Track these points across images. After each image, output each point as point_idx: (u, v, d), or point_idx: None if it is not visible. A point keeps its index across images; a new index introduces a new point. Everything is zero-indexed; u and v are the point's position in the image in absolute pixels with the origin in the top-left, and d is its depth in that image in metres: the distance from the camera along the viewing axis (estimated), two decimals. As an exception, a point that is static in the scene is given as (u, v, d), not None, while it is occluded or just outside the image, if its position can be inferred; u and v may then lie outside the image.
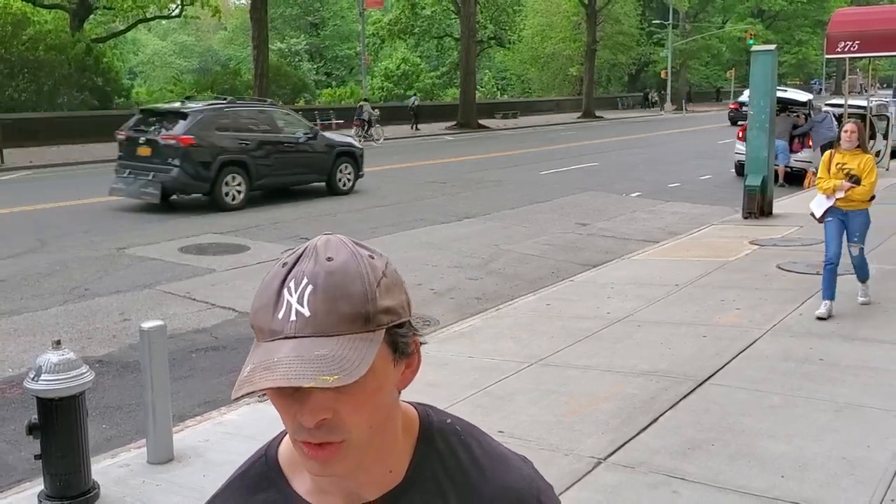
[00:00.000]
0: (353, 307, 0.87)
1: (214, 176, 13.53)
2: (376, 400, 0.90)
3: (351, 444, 0.89)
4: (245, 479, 1.04)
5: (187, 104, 15.15)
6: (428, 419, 1.02)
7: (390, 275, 0.92)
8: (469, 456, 1.01)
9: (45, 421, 3.67)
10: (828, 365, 5.61)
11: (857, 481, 3.92)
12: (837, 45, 13.59)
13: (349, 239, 0.94)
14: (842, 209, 6.80)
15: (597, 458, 4.27)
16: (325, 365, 0.83)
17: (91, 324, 7.28)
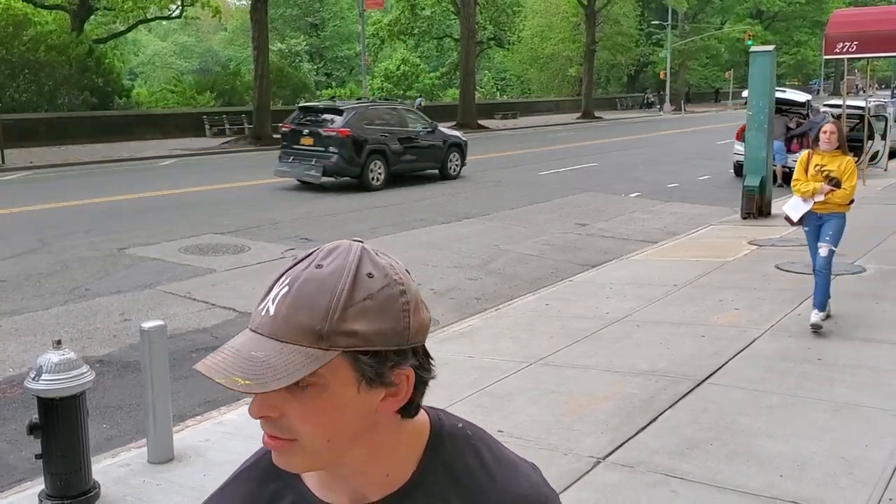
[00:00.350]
0: (311, 320, 0.85)
1: (363, 162, 16.38)
2: (330, 416, 0.89)
3: (302, 446, 0.90)
4: (254, 469, 1.04)
5: (341, 103, 18.29)
6: (439, 423, 1.02)
7: (380, 299, 0.88)
8: (478, 461, 1.00)
9: (45, 420, 3.67)
10: (826, 365, 5.61)
11: (856, 480, 3.92)
12: (836, 46, 13.61)
13: (364, 250, 0.91)
14: (818, 213, 6.50)
15: (596, 458, 4.27)
16: (248, 367, 0.84)
17: (91, 324, 7.28)
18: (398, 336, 0.89)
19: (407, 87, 51.60)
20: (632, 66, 64.22)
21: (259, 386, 0.83)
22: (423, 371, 0.93)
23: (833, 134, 6.48)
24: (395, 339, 0.89)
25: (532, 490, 1.01)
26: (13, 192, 16.31)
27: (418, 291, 0.93)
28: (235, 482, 1.05)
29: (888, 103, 21.32)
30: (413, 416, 0.96)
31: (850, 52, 13.60)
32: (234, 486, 1.05)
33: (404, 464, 0.98)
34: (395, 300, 0.89)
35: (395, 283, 0.90)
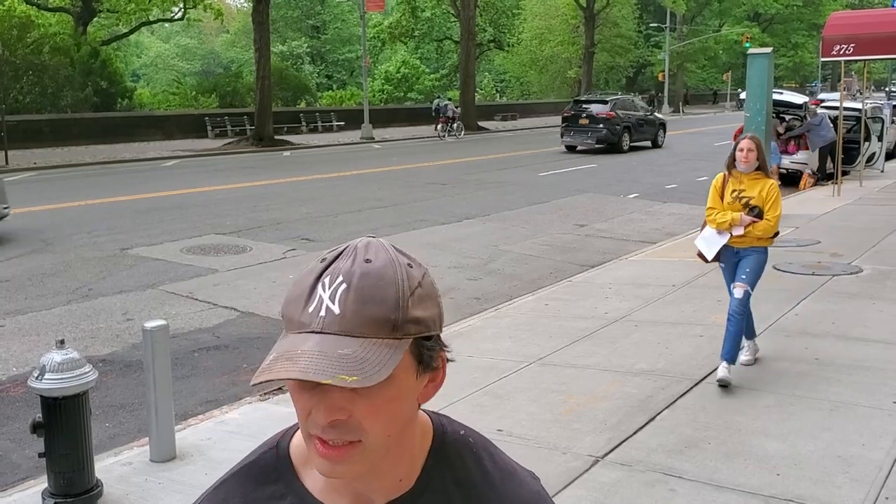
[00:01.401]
0: (383, 312, 0.86)
1: (619, 135, 25.75)
2: (394, 408, 0.89)
3: (365, 447, 0.88)
4: (253, 469, 1.01)
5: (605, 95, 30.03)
6: (442, 429, 1.01)
7: (426, 286, 0.91)
8: (479, 469, 1.00)
9: (48, 419, 3.67)
10: (822, 364, 5.61)
11: (852, 479, 3.92)
12: (833, 48, 13.61)
13: (390, 244, 0.93)
14: (735, 248, 5.48)
15: (594, 457, 4.27)
16: (346, 364, 0.83)
17: (94, 323, 7.28)
18: (441, 320, 0.94)
19: (407, 88, 51.60)
20: (630, 69, 64.20)
21: (366, 380, 0.83)
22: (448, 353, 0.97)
23: (751, 152, 5.40)
24: (440, 322, 0.93)
25: (531, 499, 1.01)
26: (17, 192, 16.28)
27: None
28: (231, 481, 1.02)
29: (885, 105, 21.31)
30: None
31: (846, 54, 13.60)
32: (228, 486, 1.01)
33: (414, 468, 0.97)
34: (433, 287, 0.93)
35: (427, 272, 0.93)
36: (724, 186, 5.59)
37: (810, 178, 16.59)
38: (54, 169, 20.87)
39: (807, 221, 11.89)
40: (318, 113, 37.03)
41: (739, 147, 5.48)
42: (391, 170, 20.25)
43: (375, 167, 20.81)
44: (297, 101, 42.40)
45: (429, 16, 48.91)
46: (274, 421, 4.83)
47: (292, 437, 1.02)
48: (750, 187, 5.44)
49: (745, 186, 5.46)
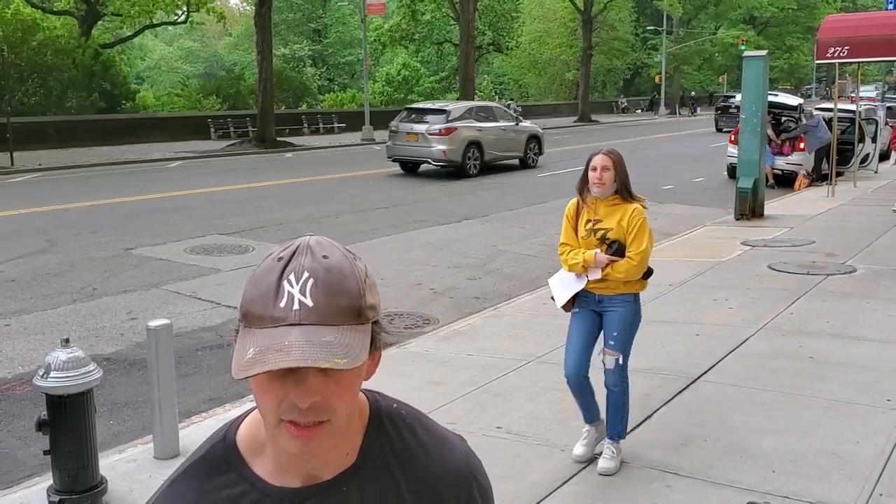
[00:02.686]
0: (350, 301, 0.94)
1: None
2: (355, 387, 0.98)
3: (333, 425, 0.95)
4: (203, 462, 1.04)
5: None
6: (377, 404, 1.08)
7: (370, 276, 1.01)
8: (414, 438, 1.08)
9: (54, 417, 3.67)
10: (817, 363, 5.61)
11: (847, 476, 3.92)
12: (827, 51, 13.61)
13: (333, 241, 1.02)
14: (596, 294, 4.14)
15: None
16: (334, 350, 0.90)
17: (99, 322, 7.28)
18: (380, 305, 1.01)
19: (407, 90, 51.57)
20: (628, 71, 64.21)
21: (353, 361, 0.91)
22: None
23: (607, 171, 4.06)
24: (380, 307, 1.01)
25: (462, 462, 1.09)
26: (22, 193, 16.31)
27: None
28: (183, 477, 1.04)
29: (878, 106, 21.32)
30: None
31: (841, 56, 13.60)
32: (181, 482, 1.04)
33: (355, 441, 1.04)
34: (372, 276, 1.02)
35: (365, 264, 1.02)
36: (578, 215, 4.28)
37: (805, 179, 16.60)
38: (59, 170, 20.85)
39: (802, 222, 11.89)
40: (319, 115, 37.00)
41: (592, 165, 4.12)
42: (391, 171, 20.25)
43: (376, 168, 20.80)
44: (298, 104, 42.38)
45: (429, 19, 48.92)
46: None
47: (237, 428, 1.06)
48: (607, 216, 4.14)
49: (601, 215, 4.16)
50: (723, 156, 19.30)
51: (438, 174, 19.14)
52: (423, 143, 18.61)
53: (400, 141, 19.21)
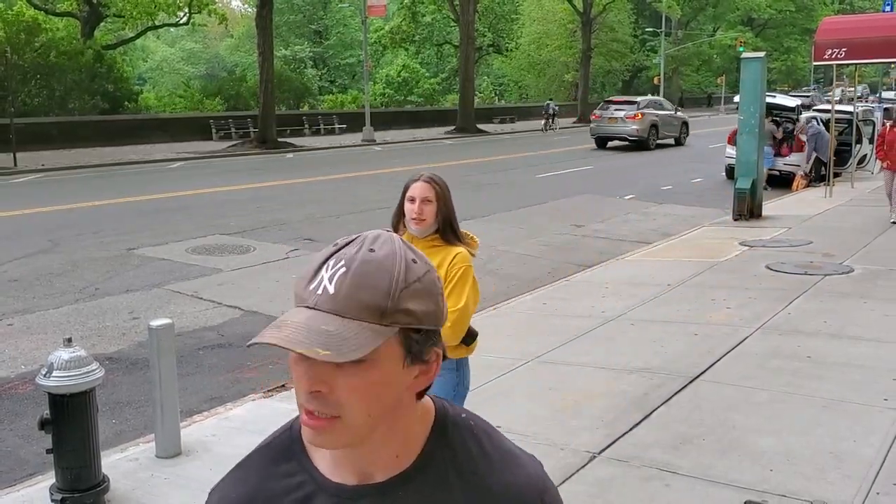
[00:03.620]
0: (374, 298, 0.89)
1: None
2: (376, 391, 0.92)
3: (344, 423, 0.92)
4: (269, 450, 1.06)
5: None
6: (444, 411, 1.04)
7: (426, 282, 0.94)
8: (479, 450, 1.02)
9: (56, 416, 3.67)
10: (815, 362, 5.61)
11: (844, 475, 3.92)
12: (825, 52, 13.62)
13: (401, 239, 0.97)
14: None
15: (591, 453, 4.27)
16: (323, 339, 0.87)
17: (101, 322, 7.28)
18: (437, 317, 0.95)
19: (408, 92, 51.59)
20: (626, 72, 64.21)
21: (338, 356, 0.86)
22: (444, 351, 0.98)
23: (427, 204, 3.16)
24: (435, 319, 0.95)
25: (529, 481, 1.02)
26: (25, 194, 16.32)
27: None
28: (251, 460, 1.06)
29: (875, 108, 21.32)
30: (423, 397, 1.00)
31: (838, 58, 13.61)
32: (248, 464, 1.06)
33: (412, 446, 1.00)
34: (435, 284, 0.96)
35: (432, 268, 0.97)
36: None
37: (802, 180, 16.60)
38: (62, 170, 20.86)
39: (799, 222, 11.89)
40: (320, 116, 37.01)
41: (409, 195, 3.19)
42: (392, 171, 20.25)
43: (376, 169, 20.81)
44: (299, 105, 42.40)
45: (429, 21, 48.93)
46: (277, 417, 4.81)
47: None
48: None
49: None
50: (721, 156, 19.30)
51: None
52: (621, 124, 26.73)
53: (603, 123, 27.24)
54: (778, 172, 16.85)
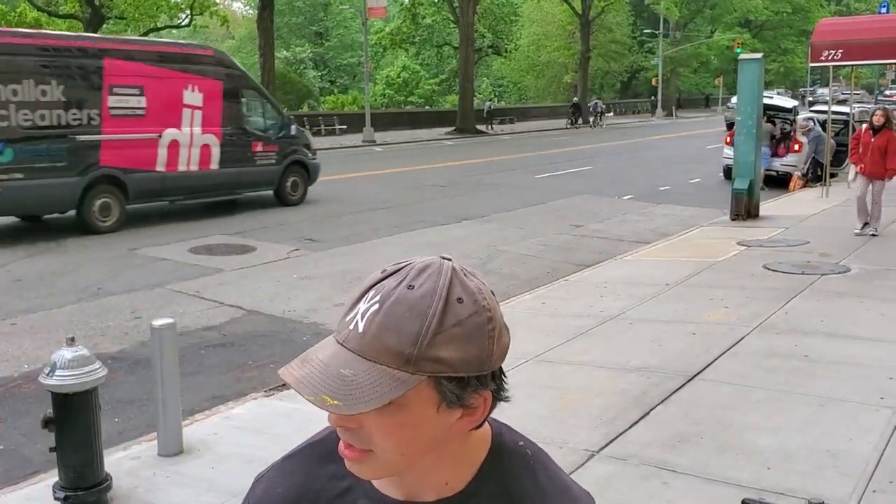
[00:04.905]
0: (400, 344, 0.82)
1: None
2: (408, 433, 0.87)
3: (377, 457, 0.88)
4: (318, 447, 1.02)
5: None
6: (500, 437, 1.00)
7: (469, 326, 0.84)
8: (533, 482, 0.98)
9: (59, 415, 3.67)
10: (812, 361, 5.61)
11: (841, 473, 3.92)
12: (822, 54, 13.62)
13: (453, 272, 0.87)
14: None
15: (590, 451, 4.27)
16: (335, 386, 0.82)
17: (104, 321, 7.28)
18: (482, 363, 0.86)
19: (408, 93, 51.58)
20: (625, 73, 64.23)
21: (347, 408, 0.81)
22: (500, 392, 0.91)
23: None
24: (478, 365, 0.86)
25: None
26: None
27: (502, 315, 0.90)
28: (299, 456, 1.03)
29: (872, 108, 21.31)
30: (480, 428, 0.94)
31: (835, 59, 13.61)
32: (296, 460, 1.03)
33: (463, 473, 0.96)
34: (483, 327, 0.86)
35: (483, 309, 0.86)
36: None
37: (799, 180, 16.61)
38: (64, 171, 20.82)
39: (796, 222, 11.89)
40: (320, 117, 37.01)
41: None
42: (392, 172, 20.26)
43: (377, 169, 20.81)
44: (300, 106, 42.39)
45: (429, 22, 48.89)
46: (278, 416, 4.83)
47: None
48: None
49: None
50: (719, 157, 19.30)
51: (445, 180, 19.13)
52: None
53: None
54: (775, 173, 16.85)
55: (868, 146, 10.53)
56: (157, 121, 12.50)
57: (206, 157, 13.27)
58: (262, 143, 14.40)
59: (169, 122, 12.68)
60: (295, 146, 15.31)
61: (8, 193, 10.66)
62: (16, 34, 12.02)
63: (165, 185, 12.74)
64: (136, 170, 12.22)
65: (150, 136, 12.43)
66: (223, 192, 13.96)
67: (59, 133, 11.28)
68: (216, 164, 13.43)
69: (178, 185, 12.91)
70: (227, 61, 14.63)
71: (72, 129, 11.43)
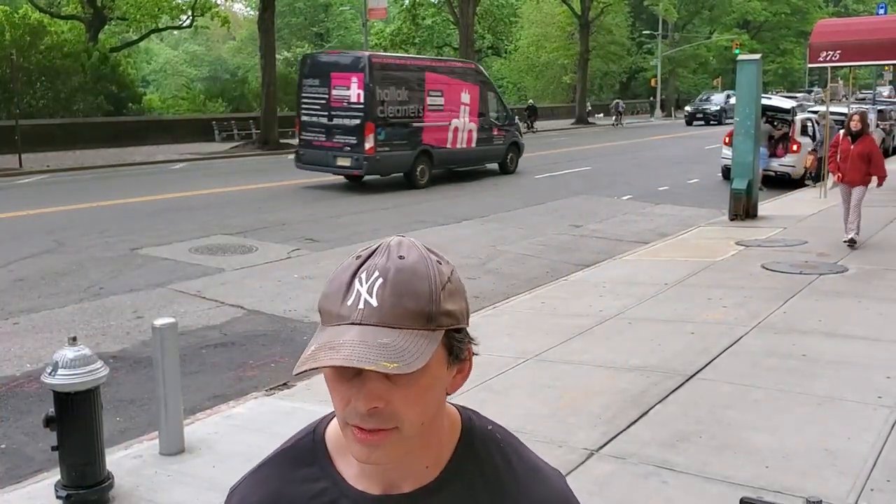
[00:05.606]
0: (418, 305, 0.88)
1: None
2: (428, 396, 0.91)
3: (401, 434, 0.89)
4: (291, 452, 1.03)
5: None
6: (470, 423, 1.02)
7: (455, 281, 0.93)
8: (505, 463, 1.00)
9: (61, 414, 3.67)
10: (810, 360, 5.61)
11: (839, 471, 3.92)
12: (820, 55, 13.62)
13: (420, 243, 0.95)
14: None
15: (589, 450, 4.27)
16: (386, 352, 0.85)
17: (106, 321, 7.28)
18: (468, 313, 0.95)
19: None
20: (624, 74, 64.19)
21: (405, 367, 0.84)
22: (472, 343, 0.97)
23: None
24: (467, 315, 0.95)
25: (555, 496, 1.01)
26: (30, 194, 16.31)
27: None
28: (270, 463, 1.04)
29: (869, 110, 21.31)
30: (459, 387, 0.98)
31: (833, 60, 13.61)
32: (269, 467, 1.04)
33: (441, 458, 0.98)
34: (460, 282, 0.95)
35: (453, 269, 0.95)
36: None
37: (811, 155, 16.86)
38: (66, 171, 20.85)
39: (795, 222, 11.89)
40: (322, 117, 36.95)
41: None
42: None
43: (377, 170, 20.78)
44: (301, 106, 42.29)
45: (429, 24, 48.89)
46: (279, 415, 4.83)
47: (328, 424, 1.04)
48: None
49: None
50: (717, 157, 19.30)
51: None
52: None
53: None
54: (773, 173, 16.86)
55: (847, 153, 9.87)
56: (448, 114, 18.14)
57: (470, 138, 18.85)
58: (497, 129, 19.99)
59: (454, 114, 18.29)
60: (514, 132, 20.98)
61: (382, 160, 16.40)
62: (388, 56, 19.05)
63: (450, 157, 18.45)
64: (439, 146, 17.82)
65: (445, 124, 18.07)
66: (476, 163, 19.71)
67: (404, 122, 16.93)
68: (475, 143, 18.97)
69: (456, 157, 18.72)
70: (481, 71, 20.83)
71: (409, 118, 17.09)
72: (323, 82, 16.79)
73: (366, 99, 16.12)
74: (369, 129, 16.10)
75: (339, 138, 16.46)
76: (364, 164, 16.31)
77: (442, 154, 17.90)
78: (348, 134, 16.33)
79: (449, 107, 18.04)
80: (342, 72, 16.65)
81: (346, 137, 16.38)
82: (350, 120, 16.36)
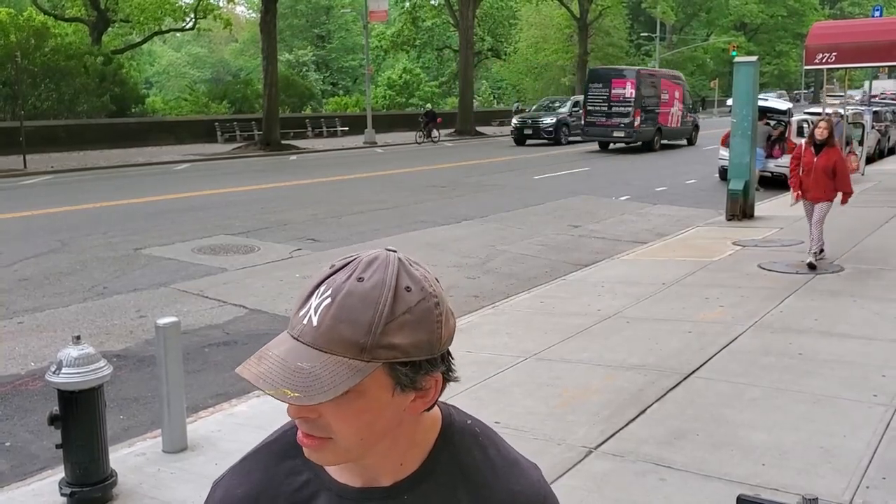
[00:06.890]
0: (354, 334, 0.84)
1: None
2: (366, 419, 0.89)
3: (336, 444, 0.90)
4: (274, 445, 1.04)
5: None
6: (450, 418, 1.03)
7: (418, 313, 0.87)
8: (484, 457, 1.01)
9: (65, 412, 3.67)
10: (806, 359, 5.61)
11: (834, 469, 3.92)
12: (816, 57, 13.63)
13: (399, 263, 0.89)
14: None
15: (588, 448, 4.27)
16: (296, 379, 0.84)
17: (109, 320, 7.28)
18: (432, 346, 0.89)
19: (409, 95, 51.57)
20: (622, 76, 64.15)
21: (307, 398, 0.83)
22: (449, 374, 0.95)
23: None
24: (428, 349, 0.89)
25: (531, 489, 1.02)
26: (35, 195, 16.31)
27: (447, 300, 0.92)
28: (256, 456, 1.05)
29: (865, 111, 21.31)
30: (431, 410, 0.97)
31: (829, 62, 13.62)
32: (253, 460, 1.04)
33: (417, 454, 0.99)
34: (430, 312, 0.89)
35: (430, 295, 0.89)
36: None
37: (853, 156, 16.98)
38: (70, 172, 20.86)
39: (791, 222, 11.89)
40: (322, 119, 37.02)
41: None
42: (393, 173, 20.26)
43: (378, 171, 20.81)
44: (302, 108, 42.39)
45: (429, 26, 48.93)
46: (281, 413, 4.79)
47: None
48: None
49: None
50: (714, 158, 19.30)
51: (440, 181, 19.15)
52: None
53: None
54: (769, 174, 16.85)
55: (810, 166, 8.63)
56: (669, 104, 28.92)
57: (677, 120, 29.58)
58: (689, 114, 30.67)
59: (670, 104, 29.06)
60: (695, 116, 31.95)
61: (640, 133, 27.31)
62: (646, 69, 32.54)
63: (669, 133, 29.15)
64: (665, 126, 28.81)
65: (668, 111, 28.89)
66: (679, 138, 30.12)
67: (650, 109, 27.74)
68: (679, 124, 29.71)
69: (672, 133, 29.41)
70: (681, 77, 32.11)
71: (652, 108, 27.94)
72: (605, 85, 27.61)
73: (636, 95, 26.87)
74: (637, 114, 26.82)
75: (616, 119, 27.01)
76: (633, 135, 27.09)
77: (666, 130, 28.69)
78: (622, 117, 26.88)
79: (671, 100, 28.81)
80: (620, 79, 27.54)
81: (621, 119, 26.91)
82: (624, 108, 26.95)
